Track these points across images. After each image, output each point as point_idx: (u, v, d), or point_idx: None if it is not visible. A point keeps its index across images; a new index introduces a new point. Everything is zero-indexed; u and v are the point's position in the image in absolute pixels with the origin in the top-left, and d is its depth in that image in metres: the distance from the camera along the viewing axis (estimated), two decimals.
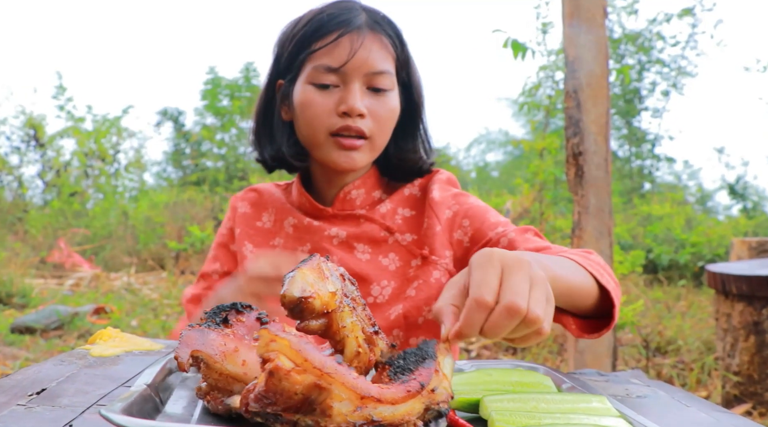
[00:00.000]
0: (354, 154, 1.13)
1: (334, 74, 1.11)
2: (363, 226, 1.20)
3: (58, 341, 4.22)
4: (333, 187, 1.22)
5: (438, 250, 1.17)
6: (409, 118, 1.23)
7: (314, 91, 1.12)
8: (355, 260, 1.18)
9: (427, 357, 0.64)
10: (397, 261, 1.19)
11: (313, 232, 1.20)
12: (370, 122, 1.13)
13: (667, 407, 0.82)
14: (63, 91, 10.14)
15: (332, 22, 1.10)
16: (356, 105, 1.10)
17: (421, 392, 0.58)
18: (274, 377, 0.53)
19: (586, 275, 0.93)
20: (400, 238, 1.20)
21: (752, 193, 10.73)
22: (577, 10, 2.48)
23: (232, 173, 11.32)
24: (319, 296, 0.64)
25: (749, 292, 2.75)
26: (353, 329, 0.68)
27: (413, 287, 1.17)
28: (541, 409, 0.70)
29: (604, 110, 2.47)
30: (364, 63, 1.10)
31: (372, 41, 1.12)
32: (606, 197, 2.48)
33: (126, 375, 0.85)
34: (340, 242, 1.19)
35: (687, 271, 6.61)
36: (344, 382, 0.55)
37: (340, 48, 1.10)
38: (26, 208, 9.02)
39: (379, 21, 1.14)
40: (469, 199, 1.22)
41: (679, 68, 10.74)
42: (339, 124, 1.11)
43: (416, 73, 1.21)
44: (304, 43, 1.13)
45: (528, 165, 5.35)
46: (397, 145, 1.22)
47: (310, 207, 1.22)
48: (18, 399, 0.71)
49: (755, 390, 2.78)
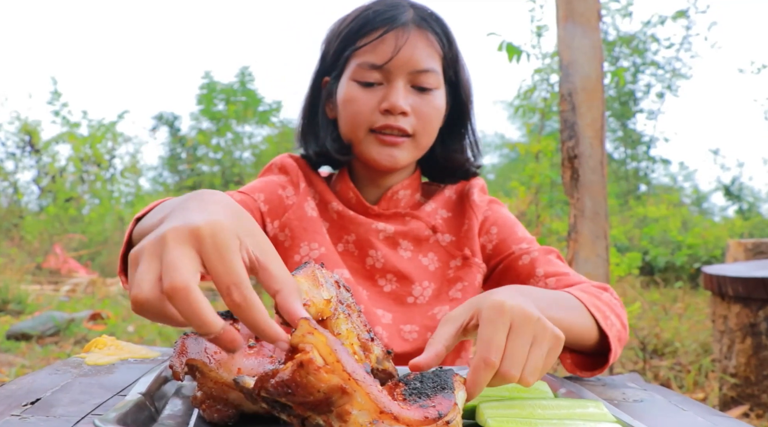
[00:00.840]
0: (395, 151, 1.11)
1: (378, 71, 1.09)
2: (410, 223, 1.18)
3: (54, 347, 4.20)
4: (376, 186, 1.19)
5: (477, 252, 1.17)
6: (457, 118, 1.20)
7: (357, 88, 1.10)
8: (398, 257, 1.17)
9: (446, 387, 0.63)
10: (436, 261, 1.18)
11: (358, 223, 1.17)
12: (413, 120, 1.10)
13: (664, 412, 0.82)
14: (58, 97, 10.13)
15: (377, 19, 1.08)
16: (398, 103, 1.07)
17: (437, 422, 0.58)
18: (303, 369, 0.52)
19: (589, 318, 0.92)
20: (440, 238, 1.19)
21: (748, 194, 10.77)
22: (571, 13, 2.48)
23: (228, 178, 11.31)
24: (314, 304, 0.64)
25: (745, 294, 2.75)
26: (348, 336, 0.68)
27: (457, 289, 1.16)
28: (537, 415, 0.70)
29: (599, 113, 2.47)
30: (409, 61, 1.08)
31: (417, 38, 1.09)
32: (602, 200, 2.48)
33: (121, 384, 0.84)
34: (386, 237, 1.17)
35: (683, 273, 6.63)
36: (369, 392, 0.54)
37: (384, 45, 1.08)
38: (22, 214, 8.99)
39: (426, 18, 1.11)
40: (502, 209, 1.22)
41: (673, 70, 10.78)
42: (381, 122, 1.09)
43: (465, 72, 1.18)
44: (349, 39, 1.11)
45: (524, 168, 5.34)
46: (444, 145, 1.20)
47: (356, 203, 1.19)
48: (12, 409, 0.71)
49: (752, 392, 2.79)
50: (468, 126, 1.21)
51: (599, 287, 1.04)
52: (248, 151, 12.02)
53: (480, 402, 0.72)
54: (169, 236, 0.54)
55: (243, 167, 11.55)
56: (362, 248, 1.16)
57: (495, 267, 1.18)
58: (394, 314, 1.14)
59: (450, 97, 1.18)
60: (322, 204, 1.20)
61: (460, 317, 0.73)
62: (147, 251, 0.55)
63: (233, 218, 0.58)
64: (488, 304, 0.70)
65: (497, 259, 1.17)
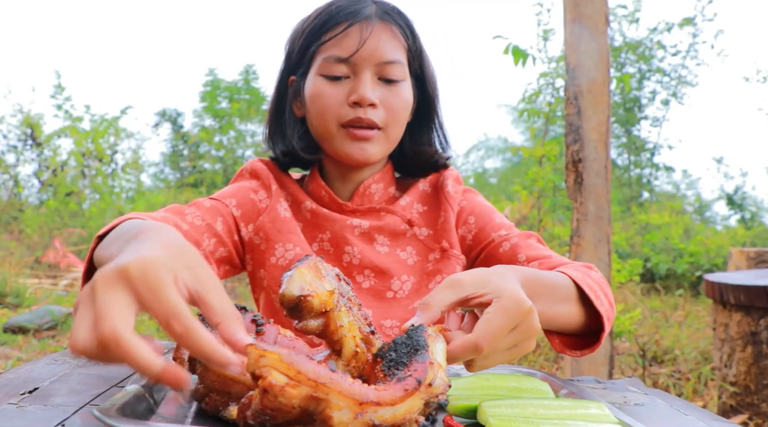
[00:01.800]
0: (366, 145, 1.11)
1: (345, 65, 1.09)
2: (385, 218, 1.18)
3: (51, 341, 4.20)
4: (348, 182, 1.19)
5: (455, 244, 1.17)
6: (424, 111, 1.21)
7: (325, 82, 1.10)
8: (375, 253, 1.16)
9: (419, 348, 0.62)
10: (414, 255, 1.18)
11: (332, 221, 1.17)
12: (382, 113, 1.10)
13: (665, 416, 0.81)
14: (61, 91, 10.12)
15: (340, 14, 1.09)
16: (367, 94, 1.07)
17: (419, 389, 0.57)
18: (269, 394, 0.52)
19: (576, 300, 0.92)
20: (417, 232, 1.19)
21: (750, 203, 10.76)
22: (579, 17, 2.48)
23: (230, 176, 11.28)
24: (317, 295, 0.64)
25: (747, 302, 2.74)
26: (351, 329, 0.68)
27: (436, 281, 1.16)
28: (539, 415, 0.69)
29: (604, 117, 2.47)
30: (374, 52, 1.09)
31: (382, 30, 1.10)
32: (605, 205, 2.48)
33: (119, 376, 0.84)
34: (362, 233, 1.17)
35: (684, 280, 6.62)
36: (341, 390, 0.54)
37: (349, 38, 1.08)
38: (22, 208, 8.99)
39: (389, 11, 1.12)
40: (477, 198, 1.23)
41: (679, 77, 10.78)
42: (350, 116, 1.09)
43: (430, 66, 1.19)
44: (313, 35, 1.12)
45: (527, 172, 5.34)
46: (412, 138, 1.21)
47: (329, 200, 1.19)
48: (10, 398, 0.71)
49: (752, 401, 2.78)
50: (435, 119, 1.22)
51: (585, 266, 1.03)
52: (251, 150, 12.03)
53: (481, 401, 0.72)
54: (99, 283, 0.55)
55: None
56: (338, 246, 1.16)
57: (477, 257, 1.18)
58: (374, 309, 1.14)
59: (416, 90, 1.18)
60: (295, 205, 1.20)
61: (467, 288, 0.71)
62: (82, 299, 0.56)
63: (170, 254, 0.59)
64: (511, 295, 0.70)
65: (478, 248, 1.17)
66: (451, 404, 0.74)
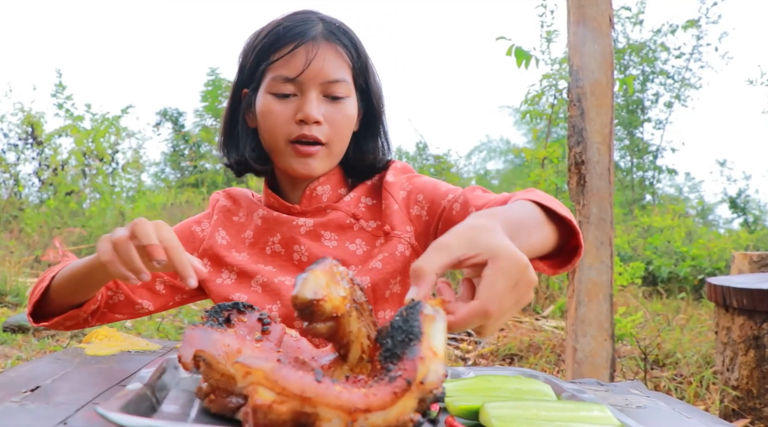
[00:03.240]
0: (311, 160, 1.19)
1: (292, 84, 1.16)
2: (329, 215, 1.25)
3: (50, 340, 4.20)
4: (297, 188, 1.27)
5: (398, 226, 1.22)
6: (370, 123, 1.28)
7: (273, 100, 1.17)
8: (323, 248, 1.23)
9: (412, 337, 0.60)
10: (364, 246, 1.24)
11: (281, 223, 1.25)
12: (326, 129, 1.18)
13: (667, 419, 0.81)
14: (62, 90, 10.11)
15: (288, 34, 1.16)
16: (311, 113, 1.15)
17: (409, 390, 0.56)
18: (258, 412, 0.53)
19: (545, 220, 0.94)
20: (365, 225, 1.25)
21: (753, 207, 10.76)
22: (583, 18, 2.48)
23: (230, 176, 11.29)
24: (330, 299, 0.64)
25: (750, 306, 2.74)
26: (359, 335, 0.67)
27: (378, 260, 1.20)
28: (541, 416, 0.69)
29: (607, 119, 2.47)
30: (319, 73, 1.15)
31: (326, 51, 1.16)
32: (607, 207, 2.47)
33: (121, 374, 0.84)
34: (308, 231, 1.23)
35: (687, 284, 6.61)
36: (328, 403, 0.53)
37: (295, 59, 1.15)
38: (22, 207, 8.98)
39: (334, 31, 1.19)
40: (421, 178, 1.28)
41: (682, 80, 10.77)
42: (296, 133, 1.16)
43: (375, 79, 1.26)
44: (263, 54, 1.18)
45: (529, 174, 5.34)
46: (357, 147, 1.28)
47: (279, 206, 1.27)
48: (12, 396, 0.71)
49: (754, 405, 2.77)
50: (380, 129, 1.30)
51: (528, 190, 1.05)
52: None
53: (484, 402, 0.71)
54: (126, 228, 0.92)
55: None
56: (287, 246, 1.24)
57: (436, 228, 1.22)
58: None
59: (362, 103, 1.26)
60: (248, 216, 1.30)
61: (456, 249, 0.69)
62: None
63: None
64: (506, 253, 0.69)
65: (434, 220, 1.21)
66: (453, 406, 0.74)
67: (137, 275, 0.89)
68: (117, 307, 1.24)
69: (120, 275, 0.90)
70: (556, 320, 5.03)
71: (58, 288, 1.13)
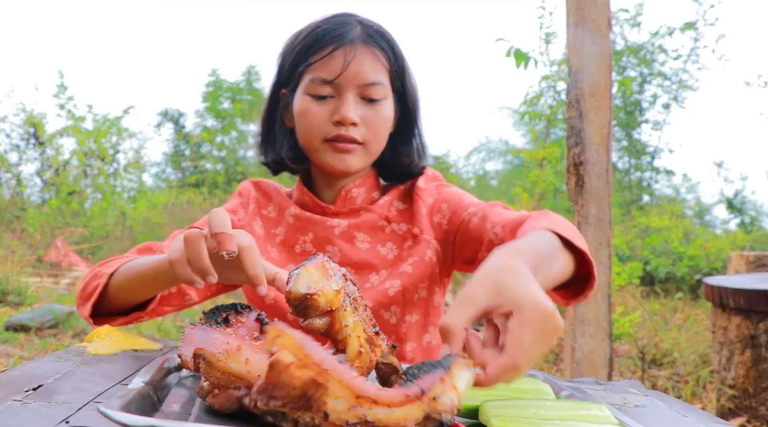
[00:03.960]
0: (348, 157, 1.20)
1: (329, 86, 1.17)
2: (363, 216, 1.26)
3: (52, 339, 4.20)
4: (332, 188, 1.28)
5: (426, 230, 1.24)
6: (405, 124, 1.29)
7: (311, 101, 1.19)
8: (356, 250, 1.24)
9: (439, 367, 0.61)
10: (394, 250, 1.25)
11: (314, 223, 1.26)
12: (363, 130, 1.19)
13: (666, 417, 0.81)
14: (64, 90, 10.12)
15: (327, 37, 1.17)
16: (348, 115, 1.16)
17: (420, 398, 0.56)
18: (274, 370, 0.54)
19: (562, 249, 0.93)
20: (396, 227, 1.26)
21: (750, 207, 10.75)
22: (582, 20, 2.48)
23: (232, 176, 11.32)
24: (324, 294, 0.64)
25: (746, 306, 2.75)
26: (355, 329, 0.68)
27: (408, 264, 1.22)
28: (540, 415, 0.70)
29: (606, 120, 2.47)
30: (357, 75, 1.17)
31: (364, 54, 1.18)
32: (606, 207, 2.48)
33: (123, 373, 0.84)
34: (342, 232, 1.25)
35: (684, 284, 6.62)
36: (341, 379, 0.55)
37: (333, 61, 1.16)
38: (24, 207, 8.99)
39: (372, 34, 1.20)
40: (449, 189, 1.31)
41: (680, 81, 10.77)
42: (333, 133, 1.18)
43: (411, 82, 1.27)
44: (301, 56, 1.20)
45: (528, 174, 5.34)
46: (393, 149, 1.29)
47: (313, 205, 1.28)
48: (14, 395, 0.71)
49: (750, 404, 2.78)
50: (415, 130, 1.31)
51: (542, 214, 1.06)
52: (252, 150, 12.02)
53: (483, 401, 0.72)
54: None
55: (246, 166, 11.56)
56: (320, 246, 1.26)
57: (454, 238, 1.24)
58: None
59: (398, 105, 1.27)
60: (280, 213, 1.31)
61: (481, 302, 0.69)
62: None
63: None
64: (531, 303, 0.68)
65: (453, 230, 1.24)
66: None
67: (204, 276, 0.85)
68: (168, 299, 1.21)
69: (186, 276, 0.87)
70: None
71: (119, 287, 1.09)
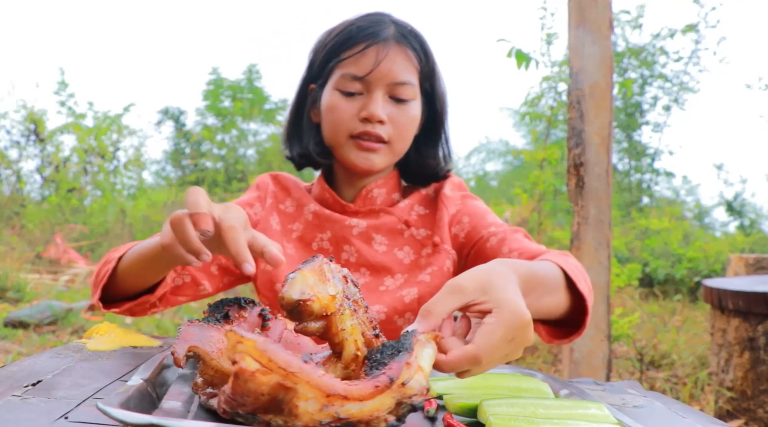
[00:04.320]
0: (372, 155, 1.19)
1: (359, 82, 1.17)
2: (382, 218, 1.25)
3: (51, 336, 4.21)
4: (354, 187, 1.28)
5: (447, 240, 1.24)
6: (432, 126, 1.29)
7: (340, 97, 1.18)
8: (372, 251, 1.23)
9: (402, 350, 0.62)
10: (411, 254, 1.24)
11: (333, 221, 1.25)
12: (389, 128, 1.18)
13: (664, 418, 0.82)
14: (65, 87, 10.13)
15: (361, 34, 1.17)
16: (376, 112, 1.16)
17: (390, 387, 0.57)
18: (239, 379, 0.53)
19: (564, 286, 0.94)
20: (415, 232, 1.25)
21: (750, 210, 10.74)
22: (583, 21, 2.49)
23: (232, 174, 11.31)
24: (318, 299, 0.63)
25: (745, 308, 2.75)
26: (353, 332, 0.67)
27: (427, 273, 1.21)
28: (539, 414, 0.70)
29: (606, 122, 2.47)
30: (388, 73, 1.16)
31: (396, 53, 1.17)
32: (606, 209, 2.48)
33: (122, 370, 0.85)
34: (360, 232, 1.24)
35: (683, 286, 6.62)
36: (309, 380, 0.54)
37: (365, 58, 1.16)
38: (24, 203, 8.99)
39: (406, 34, 1.19)
40: (475, 201, 1.29)
41: (681, 84, 10.76)
42: (360, 129, 1.17)
43: (440, 85, 1.26)
44: (333, 52, 1.19)
45: (528, 175, 5.34)
46: (418, 151, 1.29)
47: (333, 202, 1.27)
48: (13, 390, 0.71)
49: (748, 406, 2.78)
50: (442, 134, 1.31)
51: (563, 254, 1.06)
52: (252, 149, 12.03)
53: (482, 400, 0.72)
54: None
55: (246, 165, 11.55)
56: (337, 244, 1.25)
57: (468, 253, 1.23)
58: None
59: (426, 107, 1.26)
60: (298, 208, 1.30)
61: (468, 294, 0.70)
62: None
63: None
64: (511, 307, 0.69)
65: (469, 245, 1.23)
66: (452, 403, 0.75)
67: (197, 255, 0.81)
68: (182, 289, 1.21)
69: (180, 258, 0.84)
70: None
71: (125, 271, 1.07)
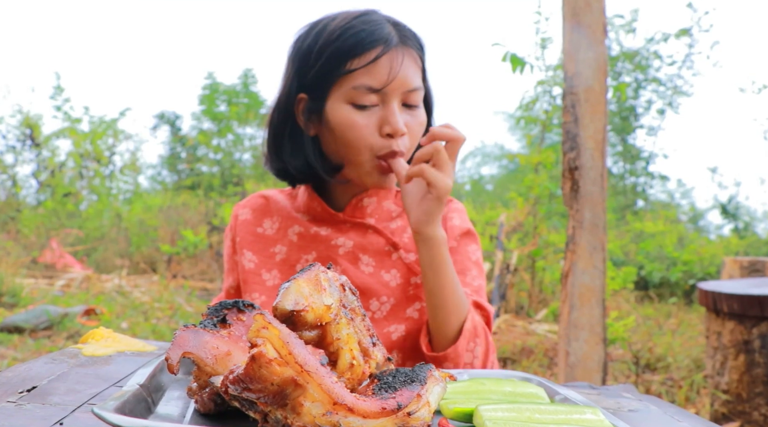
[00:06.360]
0: (391, 177, 1.13)
1: (375, 94, 1.07)
2: (369, 237, 1.19)
3: (46, 341, 4.19)
4: (345, 195, 1.21)
5: None
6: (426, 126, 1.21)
7: (354, 111, 1.08)
8: (359, 272, 1.17)
9: (415, 380, 0.62)
10: (398, 278, 1.17)
11: (319, 241, 1.19)
12: (405, 139, 1.11)
13: (659, 422, 0.82)
14: (61, 92, 10.13)
15: (368, 39, 1.06)
16: (400, 126, 1.07)
17: (396, 413, 0.57)
18: (255, 362, 0.53)
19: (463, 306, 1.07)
20: (404, 255, 1.19)
21: (744, 213, 10.79)
22: (577, 25, 2.49)
23: (227, 179, 11.31)
24: (313, 310, 0.63)
25: (740, 311, 2.75)
26: (348, 341, 0.66)
27: (415, 309, 1.16)
28: (535, 419, 0.70)
29: (601, 125, 2.48)
30: (404, 82, 1.08)
31: (406, 58, 1.09)
32: (601, 212, 2.48)
33: (118, 375, 0.84)
34: (346, 252, 1.18)
35: (678, 289, 6.64)
36: (321, 383, 0.54)
37: (379, 68, 1.06)
38: (19, 208, 8.97)
39: (408, 35, 1.11)
40: (469, 247, 1.23)
41: (675, 87, 10.82)
42: (386, 149, 1.09)
43: (429, 83, 1.20)
44: (338, 60, 1.07)
45: (523, 179, 5.35)
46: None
47: (321, 212, 1.20)
48: (8, 396, 0.71)
49: (743, 409, 2.78)
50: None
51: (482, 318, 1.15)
52: (248, 153, 12.03)
53: (478, 405, 0.72)
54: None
55: (242, 169, 11.55)
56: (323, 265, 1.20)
57: None
58: None
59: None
60: (282, 229, 1.22)
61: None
62: None
63: None
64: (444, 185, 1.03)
65: None
66: (447, 408, 0.74)
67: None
68: None
69: None
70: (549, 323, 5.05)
71: None
